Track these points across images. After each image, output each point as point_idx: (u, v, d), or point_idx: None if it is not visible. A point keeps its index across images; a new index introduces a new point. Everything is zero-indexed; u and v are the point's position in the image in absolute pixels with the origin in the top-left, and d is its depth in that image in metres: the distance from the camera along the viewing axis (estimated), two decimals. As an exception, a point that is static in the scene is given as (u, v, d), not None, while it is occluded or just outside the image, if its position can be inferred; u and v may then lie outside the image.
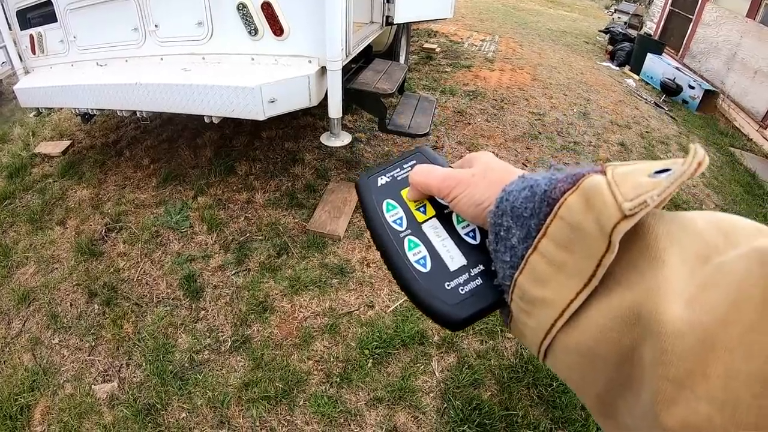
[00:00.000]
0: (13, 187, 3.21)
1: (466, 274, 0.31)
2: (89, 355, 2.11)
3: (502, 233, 0.28)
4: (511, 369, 2.01)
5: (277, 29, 2.13)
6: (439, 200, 0.36)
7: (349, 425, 1.78)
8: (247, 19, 2.15)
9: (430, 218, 0.35)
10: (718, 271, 0.20)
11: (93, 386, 1.98)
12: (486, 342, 2.13)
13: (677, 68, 6.81)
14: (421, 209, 0.36)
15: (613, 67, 7.68)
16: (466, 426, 1.76)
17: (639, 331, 0.21)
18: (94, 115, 3.17)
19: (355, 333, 2.14)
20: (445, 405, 1.85)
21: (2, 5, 2.84)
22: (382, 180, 0.39)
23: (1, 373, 2.07)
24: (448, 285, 0.31)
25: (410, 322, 2.17)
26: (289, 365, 1.98)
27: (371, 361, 2.01)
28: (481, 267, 0.32)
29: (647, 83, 7.05)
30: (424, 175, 0.35)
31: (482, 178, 0.32)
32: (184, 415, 1.84)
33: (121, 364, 2.06)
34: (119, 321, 2.23)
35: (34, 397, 1.95)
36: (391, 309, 2.27)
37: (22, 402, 1.92)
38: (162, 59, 2.47)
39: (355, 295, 2.35)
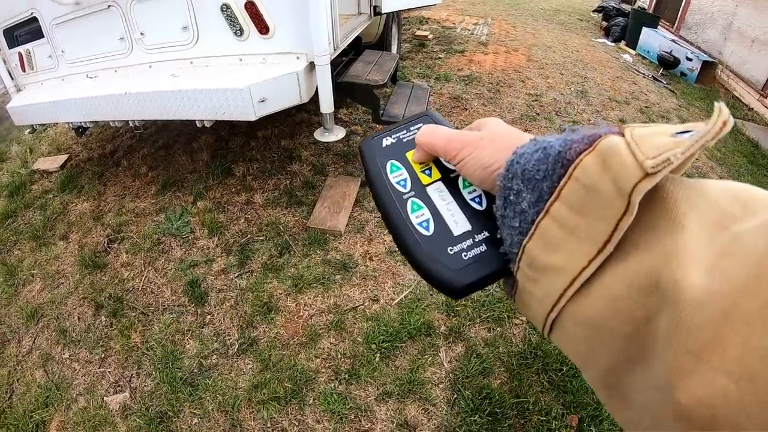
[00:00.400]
0: (15, 206, 3.22)
1: (470, 239, 0.30)
2: (100, 367, 2.12)
3: (511, 197, 0.27)
4: (520, 355, 2.00)
5: (263, 28, 2.10)
6: (445, 164, 0.35)
7: (360, 421, 1.78)
8: (231, 20, 2.13)
9: (436, 181, 0.34)
10: (736, 241, 0.19)
11: (105, 398, 1.99)
12: (494, 329, 2.12)
13: (673, 41, 6.69)
14: (426, 172, 0.35)
15: (609, 43, 7.56)
16: (477, 416, 1.75)
17: (655, 300, 0.20)
18: (88, 127, 3.17)
19: (361, 328, 2.14)
20: (455, 395, 1.85)
21: None
22: (387, 141, 0.39)
23: (15, 391, 2.09)
24: (451, 250, 0.30)
25: (416, 314, 2.16)
26: (297, 365, 1.98)
27: (378, 355, 2.00)
28: (486, 234, 0.31)
29: (644, 58, 6.94)
30: (431, 135, 0.34)
31: (491, 141, 0.31)
32: (195, 420, 1.85)
33: (132, 374, 2.07)
34: (127, 331, 2.23)
35: (48, 412, 1.96)
36: (396, 301, 2.26)
37: (37, 419, 1.94)
38: (151, 66, 2.45)
39: (360, 290, 2.35)
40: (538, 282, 0.25)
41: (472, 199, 0.33)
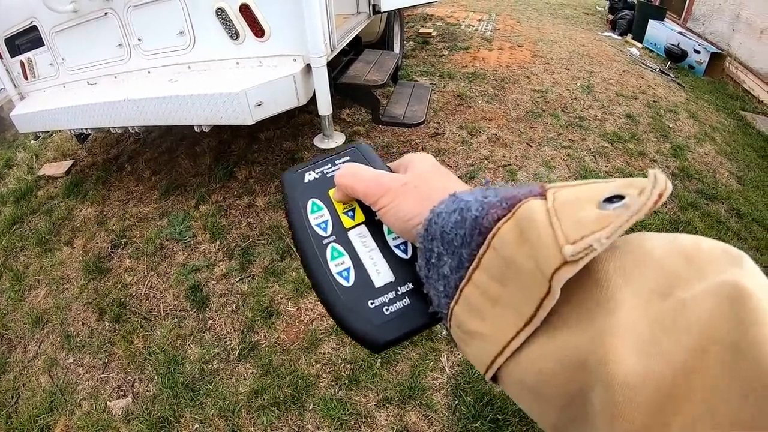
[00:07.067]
0: (21, 212, 3.25)
1: (393, 292, 0.29)
2: (103, 372, 2.14)
3: (433, 260, 0.25)
4: (523, 358, 1.97)
5: (258, 31, 2.09)
6: None
7: (360, 427, 1.77)
8: (227, 24, 2.11)
9: (358, 225, 0.32)
10: (679, 310, 0.18)
11: (108, 402, 2.00)
12: (495, 332, 2.10)
13: (681, 33, 6.56)
14: (350, 213, 0.33)
15: (615, 36, 7.45)
16: (479, 422, 1.73)
17: (587, 377, 0.19)
18: (89, 134, 3.19)
19: (362, 332, 2.12)
20: (457, 401, 1.82)
21: None
22: (310, 176, 0.35)
23: (21, 396, 2.11)
24: (371, 303, 0.28)
25: (417, 318, 2.14)
26: (297, 370, 1.98)
27: (379, 360, 1.99)
28: (410, 285, 0.29)
29: (651, 51, 6.82)
30: (350, 176, 0.31)
31: (414, 188, 0.28)
32: (196, 426, 1.85)
33: (134, 379, 2.08)
34: (129, 336, 2.25)
35: (53, 417, 1.98)
36: (397, 305, 2.24)
37: (42, 423, 1.96)
38: (149, 72, 2.45)
39: (361, 294, 2.33)
40: (470, 344, 0.24)
41: (397, 246, 0.30)
